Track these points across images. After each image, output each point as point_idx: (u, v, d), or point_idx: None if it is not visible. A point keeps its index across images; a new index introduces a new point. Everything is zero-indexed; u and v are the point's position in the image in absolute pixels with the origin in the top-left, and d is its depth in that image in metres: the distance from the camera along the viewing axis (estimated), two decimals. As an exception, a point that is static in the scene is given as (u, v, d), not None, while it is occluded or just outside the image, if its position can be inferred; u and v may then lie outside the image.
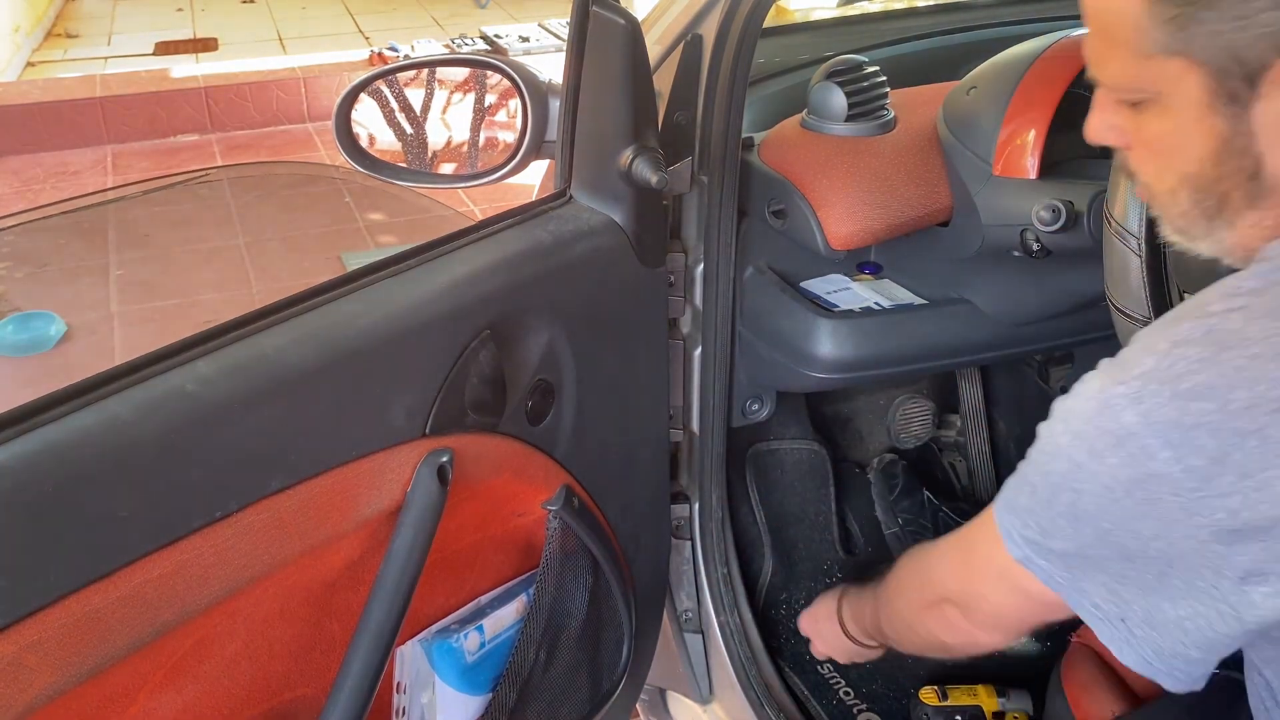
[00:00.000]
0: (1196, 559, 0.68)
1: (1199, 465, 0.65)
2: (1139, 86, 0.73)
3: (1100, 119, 0.79)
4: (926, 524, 1.65)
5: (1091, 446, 0.70)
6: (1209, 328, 0.67)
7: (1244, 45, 0.67)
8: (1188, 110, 0.71)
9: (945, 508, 1.66)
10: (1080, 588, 0.76)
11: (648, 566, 1.27)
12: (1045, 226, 1.14)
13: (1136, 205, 1.01)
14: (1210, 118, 0.70)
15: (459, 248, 0.94)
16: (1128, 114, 0.76)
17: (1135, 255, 1.03)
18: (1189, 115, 0.71)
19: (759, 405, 1.41)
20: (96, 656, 0.69)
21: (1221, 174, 0.72)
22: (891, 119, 1.31)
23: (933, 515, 1.65)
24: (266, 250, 3.56)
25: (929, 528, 1.64)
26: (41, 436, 0.67)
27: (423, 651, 0.98)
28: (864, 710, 1.48)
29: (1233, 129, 0.70)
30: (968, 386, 1.75)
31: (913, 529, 1.64)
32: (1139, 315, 1.04)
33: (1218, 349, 0.66)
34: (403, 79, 1.19)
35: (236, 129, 4.83)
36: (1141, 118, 0.75)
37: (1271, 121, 0.69)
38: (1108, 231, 1.05)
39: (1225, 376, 0.65)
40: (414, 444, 0.86)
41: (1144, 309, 1.03)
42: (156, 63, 5.36)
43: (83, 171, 4.42)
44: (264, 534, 0.77)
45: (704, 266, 1.21)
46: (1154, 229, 0.96)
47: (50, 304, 3.14)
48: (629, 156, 1.02)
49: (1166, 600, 0.71)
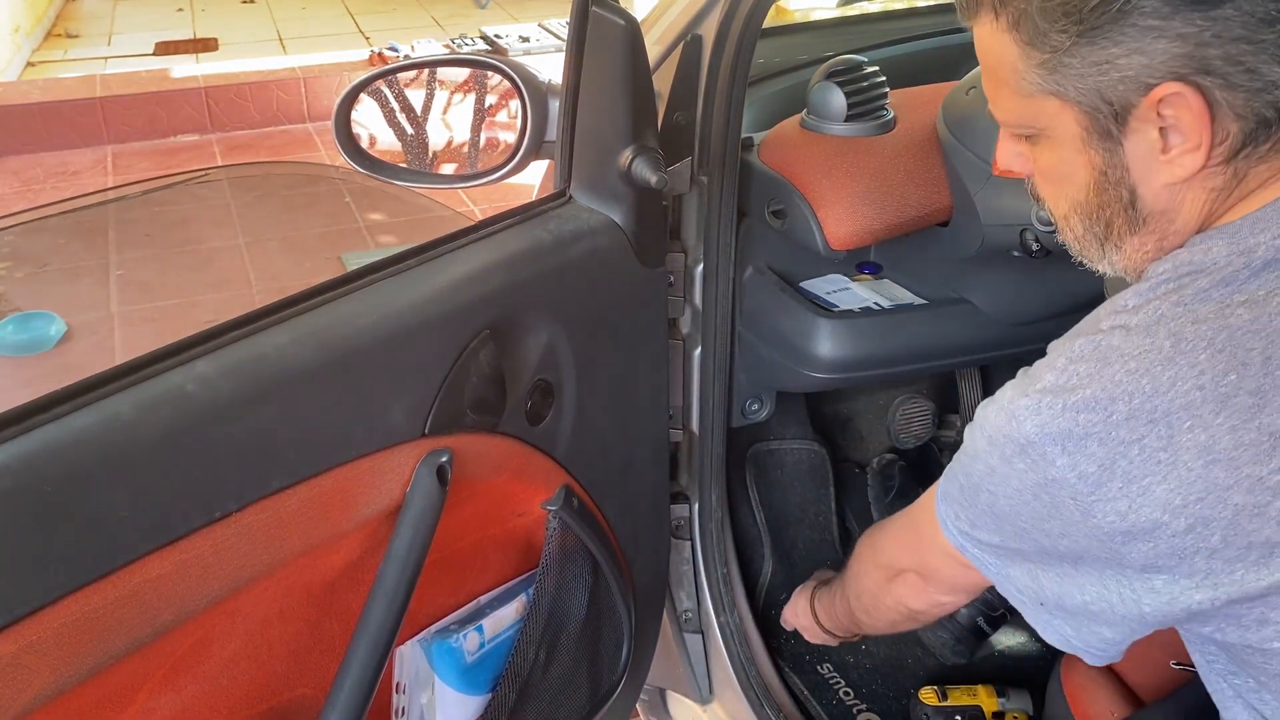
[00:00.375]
0: (1100, 553, 0.74)
1: (1091, 471, 0.71)
2: (1025, 122, 0.80)
3: (1006, 148, 0.86)
4: None
5: (1002, 452, 0.76)
6: (1096, 344, 0.73)
7: (1107, 88, 0.73)
8: (1069, 144, 0.77)
9: None
10: (1006, 574, 0.84)
11: (647, 566, 1.27)
12: (1045, 226, 1.14)
13: None
14: (1087, 151, 0.77)
15: (459, 248, 0.94)
16: (1026, 145, 0.83)
17: None
18: (1070, 149, 0.78)
19: (759, 405, 1.41)
20: (96, 656, 0.69)
21: (1103, 202, 0.79)
22: (891, 119, 1.31)
23: None
24: (266, 250, 3.56)
25: None
26: (41, 436, 0.67)
27: (422, 651, 0.98)
28: (864, 710, 1.48)
29: (1107, 162, 0.76)
30: (968, 386, 1.75)
31: None
32: None
33: (1101, 364, 0.72)
34: (403, 79, 1.19)
35: (236, 129, 4.83)
36: (1037, 149, 0.81)
37: (1141, 156, 0.75)
38: None
39: (1107, 390, 0.71)
40: (413, 444, 0.86)
41: None
42: (156, 63, 5.36)
43: (83, 171, 4.41)
44: (263, 534, 0.77)
45: (704, 267, 1.21)
46: None
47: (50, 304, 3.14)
48: (628, 157, 1.02)
49: (1076, 588, 0.78)
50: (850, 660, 1.55)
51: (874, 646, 1.56)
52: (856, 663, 1.54)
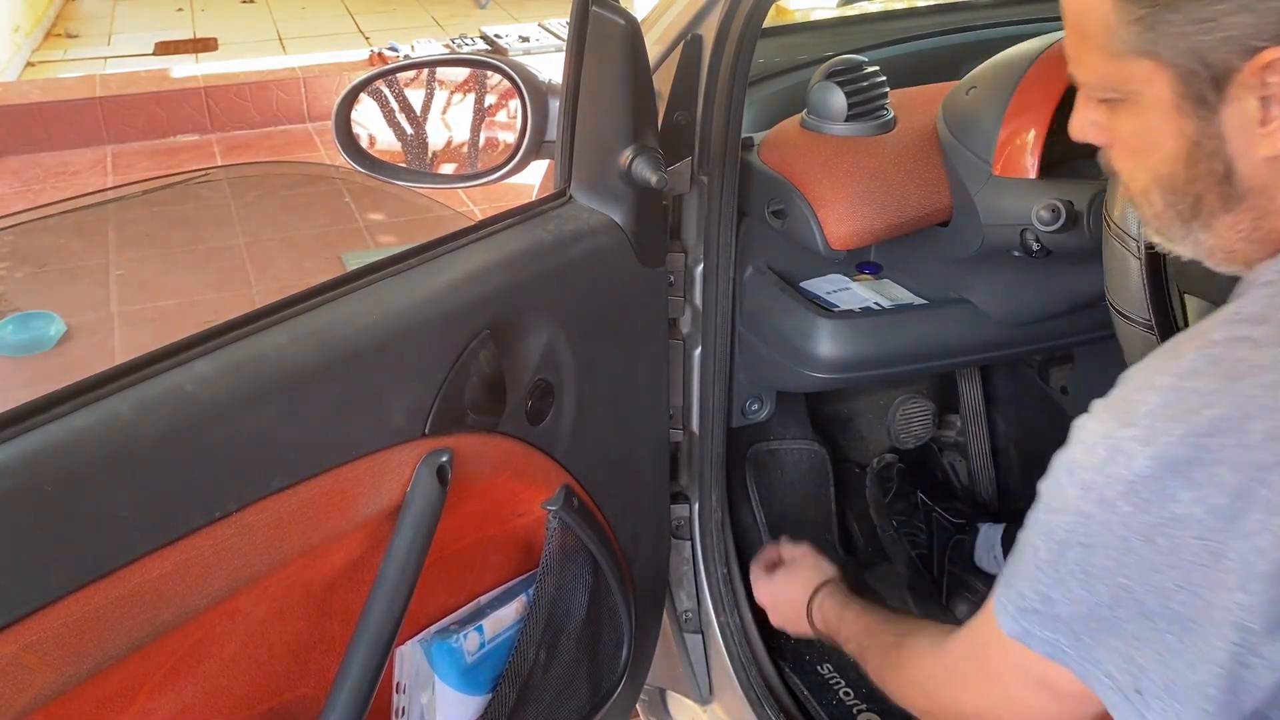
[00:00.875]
0: (1222, 612, 0.63)
1: (1222, 504, 0.62)
2: (1111, 85, 0.73)
3: (1082, 116, 0.79)
4: (920, 525, 1.64)
5: (1102, 496, 0.66)
6: (1214, 357, 0.65)
7: (1209, 49, 0.66)
8: (1157, 111, 0.71)
9: (938, 508, 1.66)
10: (1092, 657, 0.70)
11: (648, 566, 1.27)
12: (1045, 226, 1.14)
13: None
14: (1179, 119, 0.70)
15: (459, 248, 0.94)
16: (1105, 112, 0.75)
17: (1135, 258, 1.02)
18: (1159, 116, 0.71)
19: (759, 405, 1.41)
20: (96, 656, 0.69)
21: (1193, 176, 0.71)
22: (891, 119, 1.31)
23: (926, 516, 1.65)
24: (266, 250, 3.56)
25: (922, 529, 1.64)
26: (41, 436, 0.67)
27: (422, 652, 0.98)
28: (864, 710, 1.47)
29: (1201, 131, 0.69)
30: (968, 386, 1.75)
31: (907, 530, 1.64)
32: (1139, 318, 1.04)
33: (1228, 379, 0.64)
34: (403, 79, 1.19)
35: (236, 129, 4.83)
36: (1117, 116, 0.74)
37: (1239, 126, 0.68)
38: (1107, 234, 1.05)
39: (1240, 407, 0.63)
40: (414, 444, 0.86)
41: (1144, 311, 1.03)
42: (156, 63, 5.36)
43: (83, 171, 4.41)
44: (264, 534, 0.77)
45: (704, 266, 1.21)
46: None
47: (50, 304, 3.14)
48: (629, 156, 1.02)
49: (1187, 665, 0.65)
50: (851, 660, 1.54)
51: (874, 646, 1.56)
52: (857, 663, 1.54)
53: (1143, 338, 1.03)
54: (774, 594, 1.31)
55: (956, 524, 1.59)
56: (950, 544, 1.58)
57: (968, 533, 1.58)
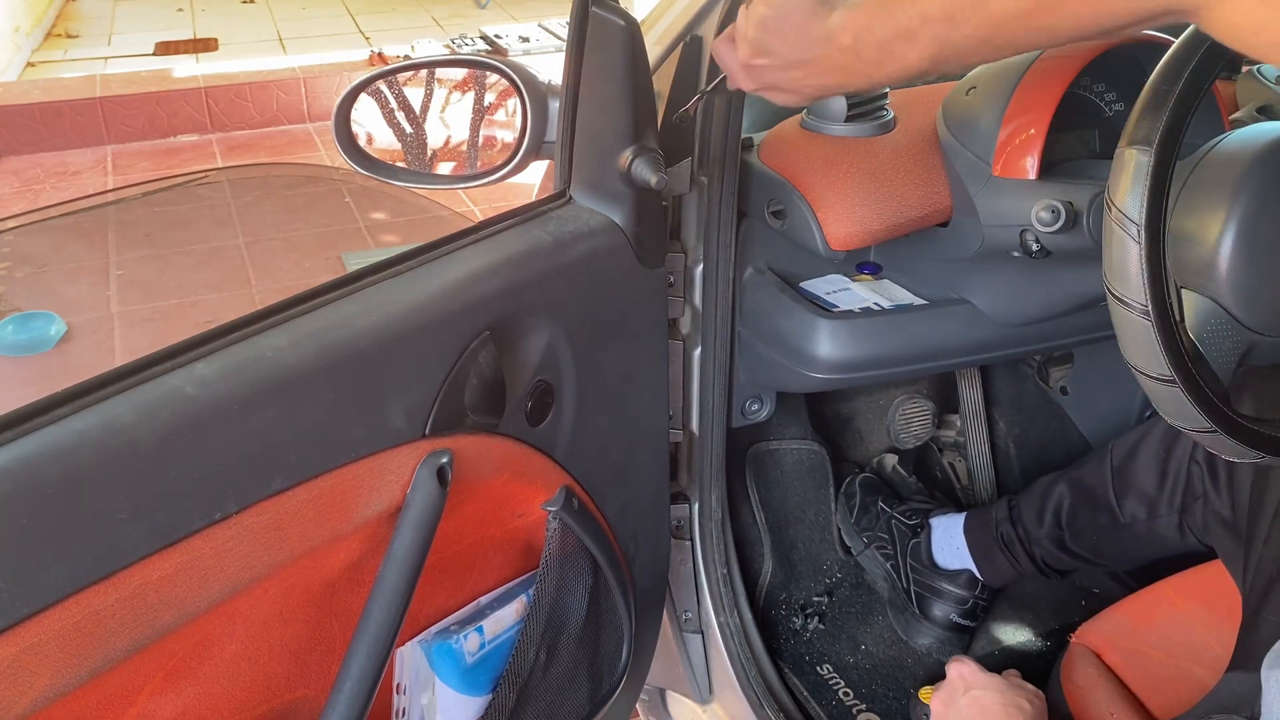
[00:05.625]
0: None
1: None
2: None
3: None
4: (884, 535, 1.63)
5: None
6: None
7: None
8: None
9: (895, 513, 1.63)
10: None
11: (647, 567, 1.27)
12: (1045, 227, 1.14)
13: (1139, 192, 1.01)
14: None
15: (459, 248, 0.94)
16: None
17: (1135, 242, 1.02)
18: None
19: (759, 405, 1.41)
20: (96, 659, 0.69)
21: None
22: (891, 119, 1.31)
23: (887, 525, 1.63)
24: (266, 250, 3.56)
25: (885, 538, 1.62)
26: (41, 438, 0.67)
27: (422, 653, 0.98)
28: (864, 710, 1.48)
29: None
30: (968, 386, 1.75)
31: (877, 545, 1.63)
32: (1136, 303, 1.04)
33: None
34: (403, 79, 1.19)
35: (236, 129, 4.84)
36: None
37: None
38: (1108, 219, 1.04)
39: None
40: (414, 445, 0.86)
41: (1141, 297, 1.03)
42: (156, 63, 5.36)
43: (83, 171, 4.42)
44: (264, 535, 0.77)
45: (703, 267, 1.21)
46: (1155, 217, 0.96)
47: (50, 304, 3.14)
48: (628, 157, 1.02)
49: None
50: (850, 661, 1.55)
51: (874, 647, 1.56)
52: (856, 663, 1.54)
53: (1139, 324, 1.03)
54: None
55: (911, 525, 1.59)
56: (909, 549, 1.57)
57: (920, 532, 1.57)
